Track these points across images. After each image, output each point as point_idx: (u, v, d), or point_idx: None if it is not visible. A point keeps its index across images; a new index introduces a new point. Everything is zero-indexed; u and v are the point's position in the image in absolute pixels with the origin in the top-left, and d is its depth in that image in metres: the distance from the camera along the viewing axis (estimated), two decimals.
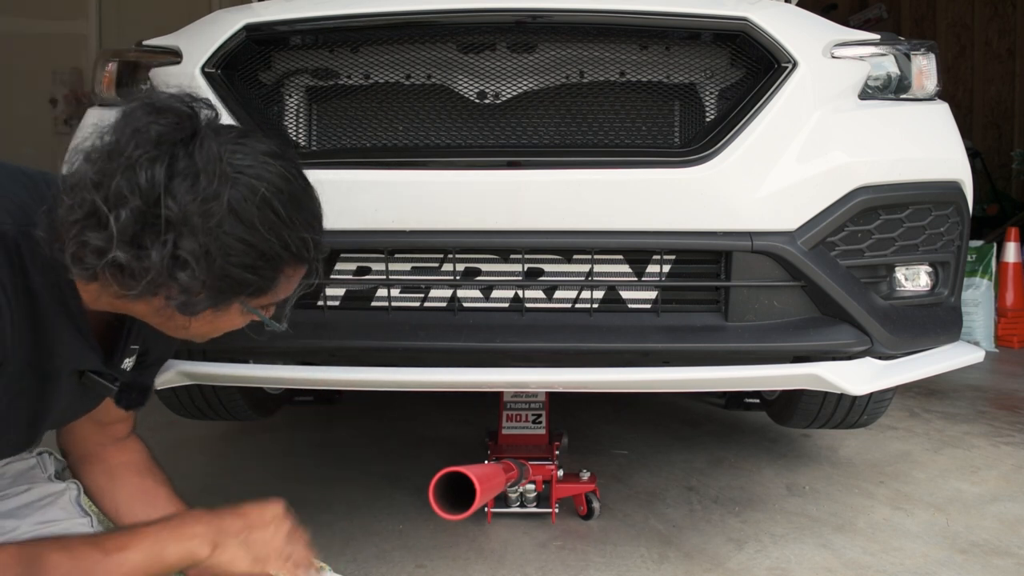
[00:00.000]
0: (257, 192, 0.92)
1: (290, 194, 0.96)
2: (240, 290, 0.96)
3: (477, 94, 1.61)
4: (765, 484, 2.20)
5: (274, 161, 0.96)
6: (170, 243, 0.87)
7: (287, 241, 0.96)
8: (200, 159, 0.89)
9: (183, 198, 0.87)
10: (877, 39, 1.63)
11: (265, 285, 0.98)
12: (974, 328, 4.19)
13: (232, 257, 0.92)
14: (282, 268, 0.99)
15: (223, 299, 0.96)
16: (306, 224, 0.99)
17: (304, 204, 0.99)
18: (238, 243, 0.91)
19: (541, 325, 1.51)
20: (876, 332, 1.52)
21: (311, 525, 1.15)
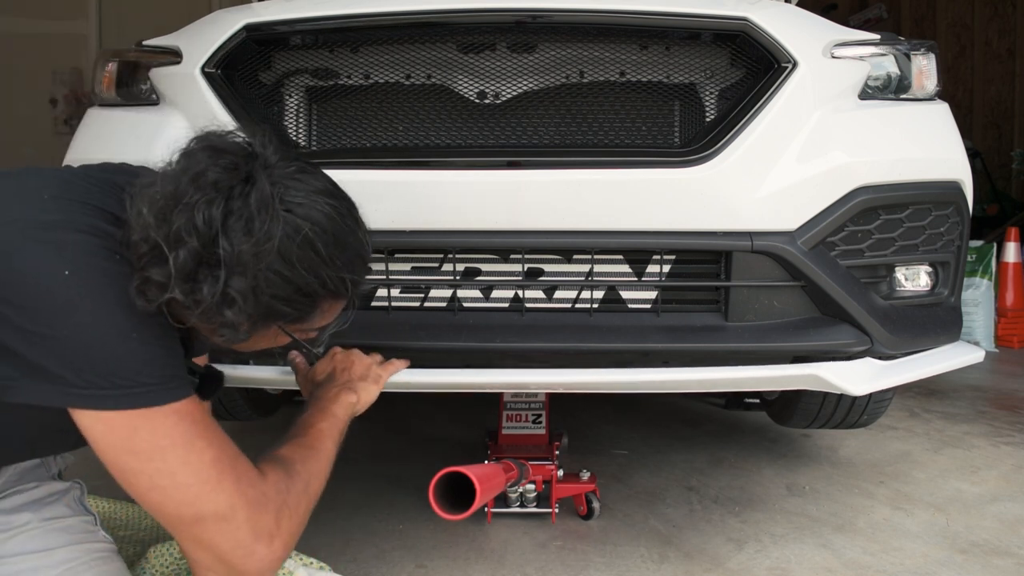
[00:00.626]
0: (301, 231, 0.96)
1: (334, 234, 1.00)
2: (278, 318, 1.01)
3: (477, 94, 1.61)
4: (765, 484, 2.20)
5: (325, 200, 1.01)
6: (221, 280, 0.92)
7: (325, 280, 1.00)
8: (254, 202, 0.94)
9: (237, 239, 0.92)
10: (877, 39, 1.63)
11: (302, 316, 1.03)
12: (974, 328, 4.19)
13: (272, 290, 0.96)
14: (319, 303, 1.04)
15: (262, 325, 1.01)
16: (347, 264, 1.03)
17: (348, 244, 1.03)
18: (277, 278, 0.96)
19: (541, 325, 1.51)
20: (876, 332, 1.52)
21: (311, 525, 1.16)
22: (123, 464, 0.95)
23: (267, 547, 1.01)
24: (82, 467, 1.51)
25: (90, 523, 1.26)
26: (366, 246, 1.09)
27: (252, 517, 0.99)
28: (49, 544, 1.17)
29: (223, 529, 0.98)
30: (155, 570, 1.48)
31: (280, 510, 1.04)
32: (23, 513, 1.18)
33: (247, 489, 1.00)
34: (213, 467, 0.97)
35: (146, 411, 0.93)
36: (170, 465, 0.95)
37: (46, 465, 1.30)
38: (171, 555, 1.50)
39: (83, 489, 1.31)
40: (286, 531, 1.04)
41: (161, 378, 0.95)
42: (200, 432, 0.97)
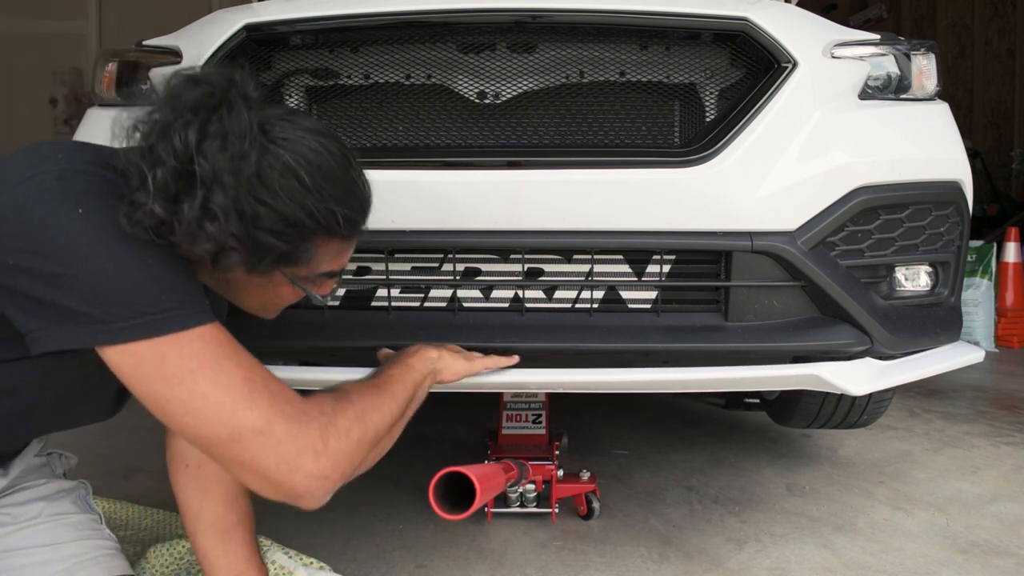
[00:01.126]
0: (281, 159, 0.98)
1: (320, 166, 1.01)
2: (272, 255, 1.01)
3: (477, 94, 1.61)
4: (765, 484, 2.20)
5: (314, 137, 1.02)
6: (200, 197, 0.94)
7: (312, 210, 1.00)
8: (229, 123, 0.95)
9: (213, 157, 0.94)
10: (877, 39, 1.63)
11: (296, 253, 1.03)
12: (974, 328, 4.19)
13: (259, 221, 0.97)
14: (311, 238, 1.03)
15: (261, 265, 1.01)
16: (335, 197, 1.03)
17: (337, 179, 1.04)
18: (261, 207, 0.97)
19: (541, 325, 1.51)
20: (876, 332, 1.52)
21: (311, 525, 1.16)
22: (156, 392, 0.96)
23: (313, 463, 1.00)
24: (84, 468, 1.51)
25: (96, 521, 1.28)
26: (361, 187, 1.09)
27: (292, 431, 0.98)
28: (58, 538, 1.19)
29: (262, 444, 0.97)
30: (155, 570, 1.48)
31: (326, 429, 1.02)
32: (33, 506, 1.20)
33: (283, 405, 0.99)
34: (244, 385, 0.97)
35: (172, 336, 0.94)
36: (201, 387, 0.95)
37: (51, 465, 1.32)
38: (171, 555, 1.50)
39: (88, 489, 1.33)
40: (335, 451, 1.02)
41: (182, 303, 0.96)
42: (228, 354, 0.98)
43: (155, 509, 1.77)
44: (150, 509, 1.77)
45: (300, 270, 1.07)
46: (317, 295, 1.13)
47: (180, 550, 1.50)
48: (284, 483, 1.00)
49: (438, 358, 1.33)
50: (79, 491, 1.31)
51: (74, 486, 1.31)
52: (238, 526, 1.29)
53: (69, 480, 1.32)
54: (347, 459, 1.05)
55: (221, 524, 1.29)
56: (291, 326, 1.53)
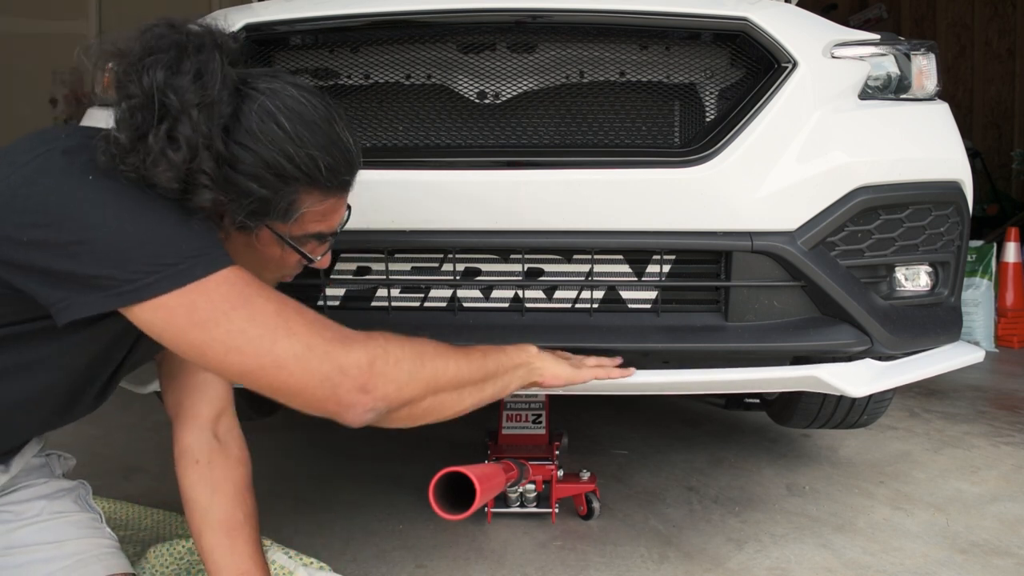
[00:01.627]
0: (260, 103, 0.99)
1: (301, 115, 1.01)
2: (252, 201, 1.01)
3: (477, 94, 1.61)
4: (765, 484, 2.20)
5: (296, 89, 1.03)
6: (165, 127, 0.94)
7: (291, 155, 1.00)
8: (203, 63, 0.96)
9: (182, 92, 0.94)
10: (877, 39, 1.63)
11: (278, 201, 1.03)
12: (974, 328, 4.19)
13: (237, 163, 0.98)
14: (292, 184, 1.03)
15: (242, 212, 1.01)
16: (317, 145, 1.03)
17: (319, 128, 1.03)
18: (240, 149, 0.98)
19: (541, 325, 1.51)
20: (876, 332, 1.52)
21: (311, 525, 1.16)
22: (194, 340, 0.96)
23: (356, 378, 1.01)
24: (83, 468, 1.51)
25: (96, 520, 1.28)
26: (345, 141, 1.08)
27: (332, 351, 1.00)
28: (60, 536, 1.20)
29: (305, 366, 0.98)
30: (155, 570, 1.48)
31: (373, 352, 1.03)
32: (34, 504, 1.21)
33: (323, 330, 1.01)
34: (279, 316, 0.98)
35: (198, 283, 0.95)
36: (237, 325, 0.96)
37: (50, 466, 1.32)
38: (171, 555, 1.50)
39: (88, 488, 1.34)
40: (380, 372, 1.03)
41: (203, 249, 0.96)
42: (256, 291, 0.99)
43: (155, 509, 1.77)
44: (150, 509, 1.77)
45: (286, 226, 1.06)
46: (311, 256, 1.12)
47: (180, 550, 1.50)
48: (329, 399, 1.01)
49: (537, 355, 1.32)
50: (79, 490, 1.31)
51: (74, 486, 1.31)
52: (244, 524, 1.29)
53: (69, 480, 1.32)
54: (393, 383, 1.05)
55: (229, 522, 1.29)
56: None
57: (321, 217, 1.09)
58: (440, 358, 1.14)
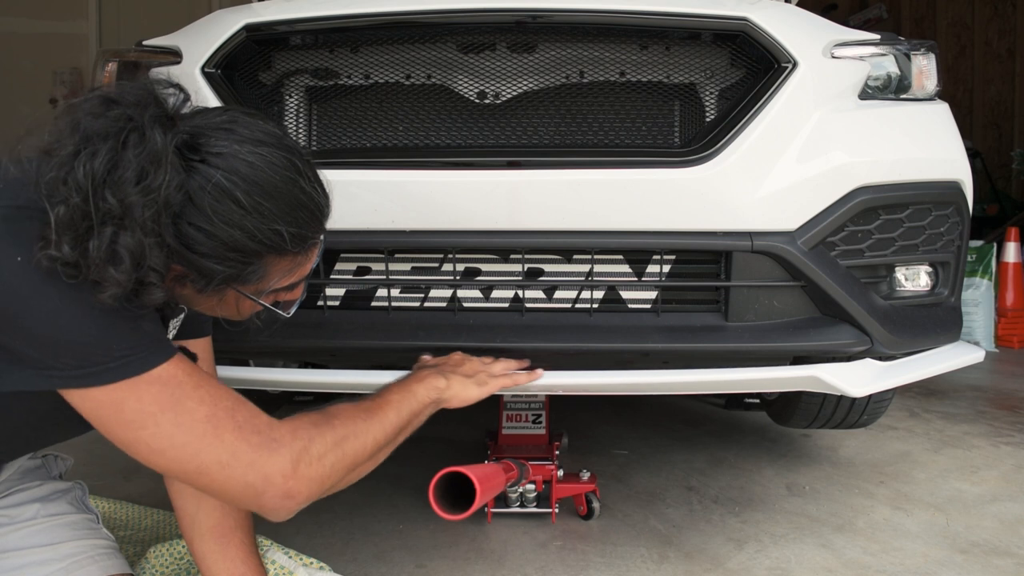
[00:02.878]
0: (212, 179, 0.91)
1: (259, 183, 0.94)
2: (217, 279, 0.96)
3: (477, 94, 1.61)
4: (765, 484, 2.20)
5: (254, 148, 0.95)
6: (107, 236, 0.87)
7: (252, 232, 0.94)
8: (141, 150, 0.88)
9: (123, 190, 0.87)
10: (877, 39, 1.63)
11: (245, 275, 0.98)
12: (974, 328, 4.19)
13: (197, 246, 0.93)
14: (257, 259, 0.98)
15: (208, 288, 0.97)
16: (279, 215, 0.96)
17: (281, 193, 0.96)
18: (196, 232, 0.92)
19: (541, 325, 1.51)
20: (876, 332, 1.52)
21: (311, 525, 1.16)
22: (120, 436, 0.95)
23: (281, 485, 1.00)
24: (83, 469, 1.51)
25: (92, 521, 1.28)
26: (313, 196, 1.01)
27: (258, 460, 0.98)
28: (55, 539, 1.19)
29: (228, 475, 0.97)
30: (155, 570, 1.48)
31: (298, 454, 1.01)
32: (28, 507, 1.20)
33: (250, 436, 0.98)
34: (208, 422, 0.96)
35: (129, 382, 0.92)
36: (164, 430, 0.94)
37: (47, 467, 1.32)
38: (171, 555, 1.50)
39: (84, 489, 1.33)
40: (304, 475, 1.02)
41: (135, 347, 0.93)
42: (188, 392, 0.96)
43: (155, 509, 1.77)
44: (150, 509, 1.77)
45: (251, 287, 1.02)
46: (280, 311, 1.09)
47: (180, 550, 1.50)
48: (252, 504, 1.01)
49: (446, 387, 1.30)
50: (75, 492, 1.31)
51: (70, 487, 1.30)
52: (236, 530, 1.29)
53: (65, 481, 1.32)
54: (317, 482, 1.04)
55: (218, 529, 1.28)
56: (291, 326, 1.53)
57: (288, 272, 1.05)
58: (357, 436, 1.11)
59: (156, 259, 0.90)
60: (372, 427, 1.14)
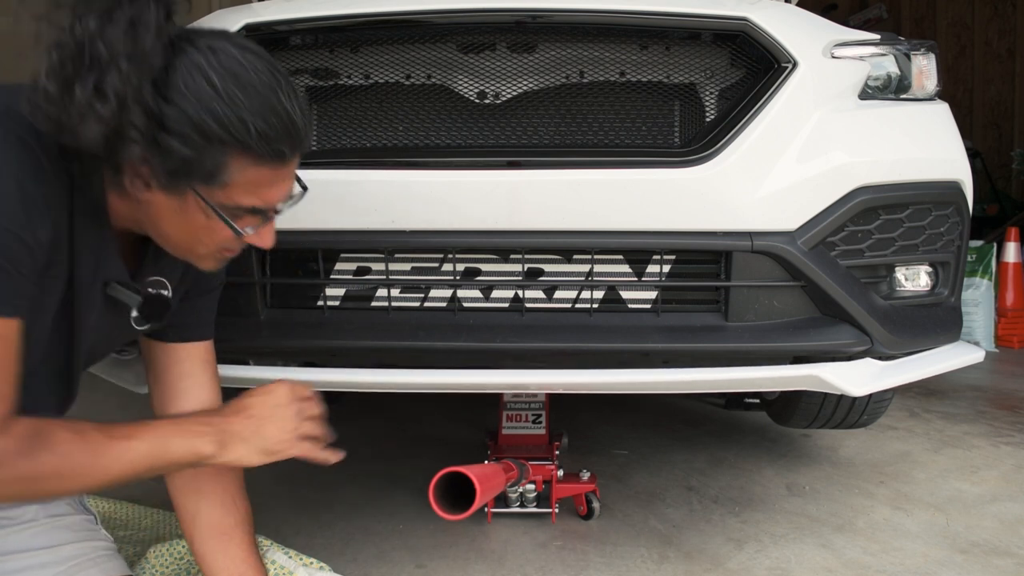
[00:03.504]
0: (193, 60, 0.94)
1: (237, 76, 0.96)
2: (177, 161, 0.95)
3: (477, 94, 1.61)
4: (765, 484, 2.20)
5: (240, 51, 0.97)
6: (94, 78, 0.91)
7: (219, 114, 0.94)
8: (137, 13, 0.93)
9: (115, 42, 0.91)
10: (877, 39, 1.63)
11: (203, 163, 0.97)
12: (974, 328, 4.19)
13: (165, 121, 0.93)
14: (219, 148, 0.97)
15: (169, 177, 0.97)
16: (251, 108, 0.96)
17: (255, 91, 0.97)
18: (168, 106, 0.93)
19: (541, 325, 1.51)
20: (876, 332, 1.52)
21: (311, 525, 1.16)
22: None
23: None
24: None
25: (91, 522, 1.27)
26: (288, 109, 0.99)
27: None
28: (55, 540, 1.18)
29: None
30: (155, 570, 1.48)
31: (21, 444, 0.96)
32: (28, 508, 1.18)
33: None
34: None
35: None
36: None
37: None
38: (171, 555, 1.50)
39: None
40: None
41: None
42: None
43: (155, 509, 1.77)
44: (150, 509, 1.77)
45: (214, 192, 0.99)
46: (239, 228, 1.03)
47: (180, 550, 1.50)
48: None
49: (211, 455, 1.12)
50: None
51: None
52: (236, 528, 1.28)
53: None
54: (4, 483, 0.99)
55: (219, 527, 1.27)
56: (291, 326, 1.53)
57: (254, 188, 1.01)
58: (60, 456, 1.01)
59: (137, 116, 0.92)
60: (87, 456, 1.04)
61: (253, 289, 1.52)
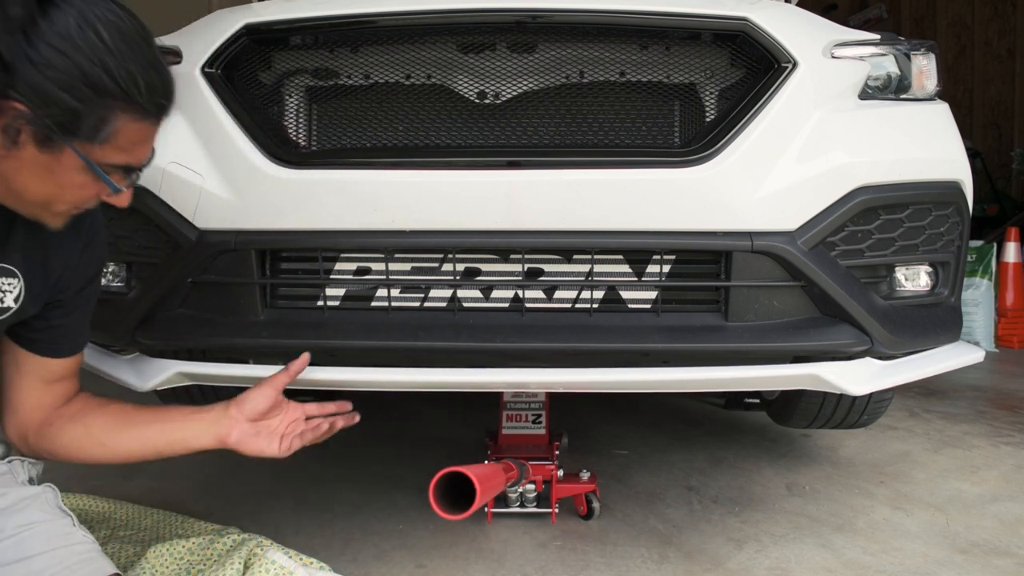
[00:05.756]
0: (80, 11, 0.93)
1: (120, 29, 0.96)
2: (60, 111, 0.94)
3: (477, 94, 1.61)
4: (765, 484, 2.20)
5: (118, 9, 0.97)
6: None
7: (110, 67, 0.94)
8: None
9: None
10: (877, 39, 1.63)
11: (91, 118, 0.96)
12: (974, 328, 4.20)
13: (49, 71, 0.92)
14: (108, 101, 0.96)
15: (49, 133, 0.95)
16: (137, 61, 0.97)
17: (138, 45, 0.98)
18: (54, 53, 0.91)
19: (541, 325, 1.51)
20: (876, 332, 1.52)
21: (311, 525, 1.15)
22: None
23: None
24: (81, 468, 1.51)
25: (67, 525, 1.19)
26: (163, 65, 1.01)
27: None
28: (26, 552, 1.12)
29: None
30: (155, 570, 1.48)
31: None
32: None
33: None
34: None
35: None
36: None
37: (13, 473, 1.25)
38: (171, 555, 1.50)
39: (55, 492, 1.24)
40: None
41: None
42: None
43: (155, 509, 1.77)
44: (150, 509, 1.77)
45: (95, 148, 0.98)
46: (113, 183, 1.03)
47: (180, 550, 1.50)
48: None
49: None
50: (45, 496, 1.21)
51: (39, 492, 1.21)
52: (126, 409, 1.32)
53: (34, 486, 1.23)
54: None
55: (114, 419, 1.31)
56: (291, 326, 1.53)
57: (130, 145, 1.01)
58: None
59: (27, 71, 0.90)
60: None
61: (253, 289, 1.52)
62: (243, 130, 1.48)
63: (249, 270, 1.50)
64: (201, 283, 1.53)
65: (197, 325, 1.53)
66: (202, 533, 1.58)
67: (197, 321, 1.54)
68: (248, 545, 1.41)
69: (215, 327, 1.52)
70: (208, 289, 1.52)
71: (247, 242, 1.49)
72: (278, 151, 1.48)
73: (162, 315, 1.55)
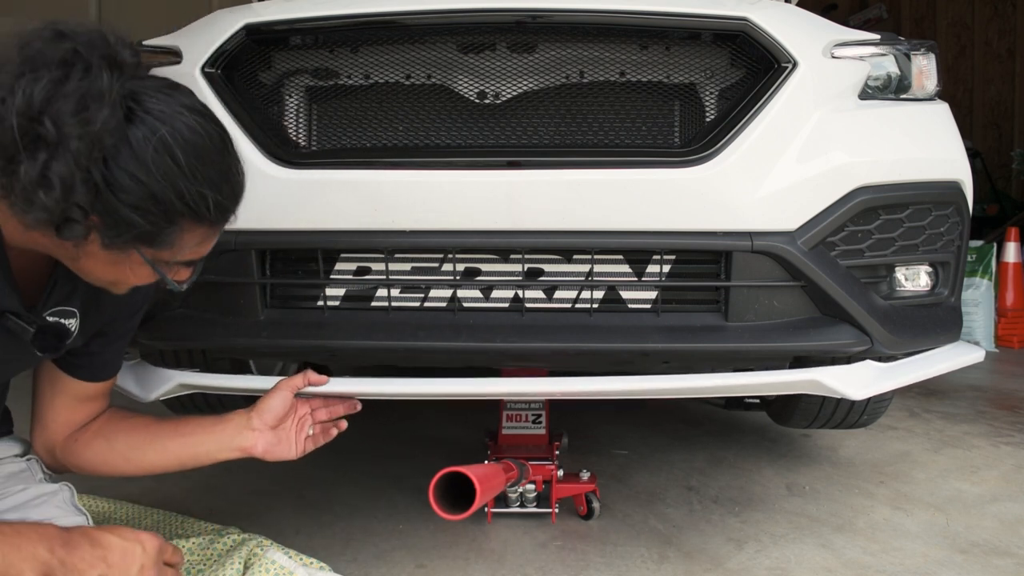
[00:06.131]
0: (157, 133, 0.93)
1: (196, 146, 0.96)
2: (132, 233, 0.96)
3: (477, 94, 1.61)
4: (765, 484, 2.20)
5: (192, 115, 0.97)
6: (40, 162, 0.88)
7: (182, 191, 0.96)
8: (87, 84, 0.89)
9: (62, 119, 0.88)
10: (877, 39, 1.63)
11: (159, 234, 0.98)
12: (974, 328, 4.20)
13: (122, 194, 0.93)
14: (178, 220, 0.98)
15: (119, 240, 0.97)
16: (209, 181, 0.98)
17: (213, 161, 0.99)
18: (129, 180, 0.92)
19: (541, 325, 1.51)
20: (876, 332, 1.52)
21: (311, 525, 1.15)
22: None
23: None
24: None
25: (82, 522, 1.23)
26: (236, 173, 1.04)
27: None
28: None
29: None
30: None
31: None
32: (11, 515, 1.15)
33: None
34: None
35: None
36: None
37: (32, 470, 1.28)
38: None
39: (72, 491, 1.29)
40: None
41: None
42: None
43: (155, 509, 1.77)
44: (150, 509, 1.77)
45: (161, 253, 1.01)
46: (173, 281, 1.07)
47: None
48: None
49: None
50: (62, 494, 1.26)
51: (57, 489, 1.26)
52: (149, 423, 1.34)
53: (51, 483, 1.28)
54: None
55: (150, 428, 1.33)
56: (291, 326, 1.53)
57: (197, 245, 1.05)
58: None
59: (82, 196, 0.91)
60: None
61: (253, 289, 1.52)
62: (243, 130, 1.48)
63: (249, 270, 1.50)
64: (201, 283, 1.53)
65: (197, 325, 1.54)
66: (202, 533, 1.58)
67: (197, 321, 1.54)
68: (248, 545, 1.41)
69: (215, 327, 1.52)
70: (208, 289, 1.52)
71: (247, 242, 1.49)
72: (278, 151, 1.48)
73: (162, 315, 1.55)
